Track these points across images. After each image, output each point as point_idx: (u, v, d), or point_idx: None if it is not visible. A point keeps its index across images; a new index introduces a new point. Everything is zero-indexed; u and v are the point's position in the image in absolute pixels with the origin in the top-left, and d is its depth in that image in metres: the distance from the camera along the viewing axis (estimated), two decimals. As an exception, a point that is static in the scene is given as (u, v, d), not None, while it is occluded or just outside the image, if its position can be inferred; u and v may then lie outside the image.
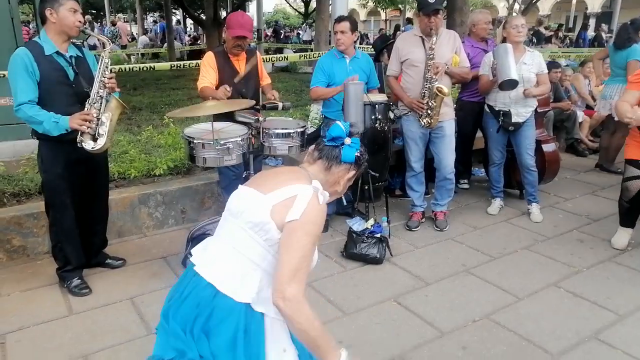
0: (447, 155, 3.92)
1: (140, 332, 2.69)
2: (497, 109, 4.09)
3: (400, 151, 4.34)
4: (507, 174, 4.53)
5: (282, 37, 21.49)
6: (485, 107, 4.24)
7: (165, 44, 15.98)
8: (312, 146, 1.61)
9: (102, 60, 2.85)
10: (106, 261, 3.36)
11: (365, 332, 2.72)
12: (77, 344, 2.58)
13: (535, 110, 4.15)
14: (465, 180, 5.07)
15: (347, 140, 1.55)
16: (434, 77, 3.65)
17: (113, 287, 3.12)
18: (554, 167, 4.68)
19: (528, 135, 4.13)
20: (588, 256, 3.60)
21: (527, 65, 3.97)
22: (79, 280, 3.07)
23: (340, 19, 3.86)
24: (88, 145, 2.79)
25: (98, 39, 3.11)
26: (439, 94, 3.64)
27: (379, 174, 3.79)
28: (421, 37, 3.72)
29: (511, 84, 3.79)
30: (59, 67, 2.78)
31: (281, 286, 1.36)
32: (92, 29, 15.93)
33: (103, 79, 2.83)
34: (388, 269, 3.43)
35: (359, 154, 1.56)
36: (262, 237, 1.45)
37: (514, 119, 4.03)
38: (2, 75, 3.89)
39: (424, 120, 3.78)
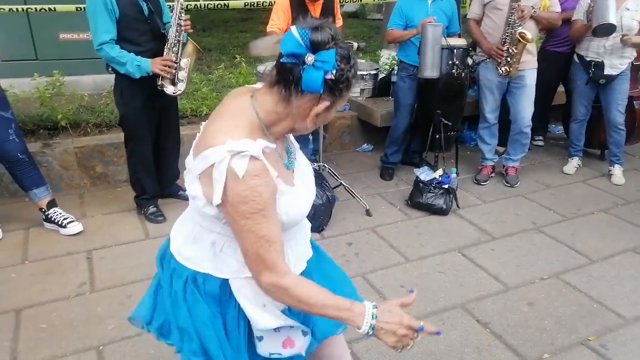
0: (525, 107, 3.70)
1: (210, 259, 2.83)
2: (588, 59, 3.77)
3: (476, 102, 4.14)
4: (588, 132, 4.23)
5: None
6: (575, 57, 3.92)
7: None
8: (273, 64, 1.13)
9: (177, 1, 2.86)
10: (178, 193, 3.52)
11: (428, 279, 2.72)
12: (153, 266, 2.74)
13: (632, 62, 3.79)
14: (541, 137, 4.80)
15: (309, 58, 1.02)
16: (517, 21, 3.40)
17: (185, 217, 3.28)
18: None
19: (621, 90, 3.80)
20: (674, 224, 3.36)
21: (629, 12, 3.59)
22: (155, 209, 3.25)
23: None
24: (169, 89, 2.90)
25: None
26: (522, 40, 3.40)
27: (452, 123, 3.65)
28: None
29: (607, 30, 3.46)
30: (135, 2, 2.82)
31: (255, 278, 1.17)
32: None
33: (179, 21, 2.86)
34: (454, 220, 3.37)
35: (332, 76, 1.03)
36: (197, 209, 1.20)
37: (607, 71, 3.71)
38: (82, 9, 4.02)
39: (503, 69, 3.57)
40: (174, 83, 2.92)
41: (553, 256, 2.96)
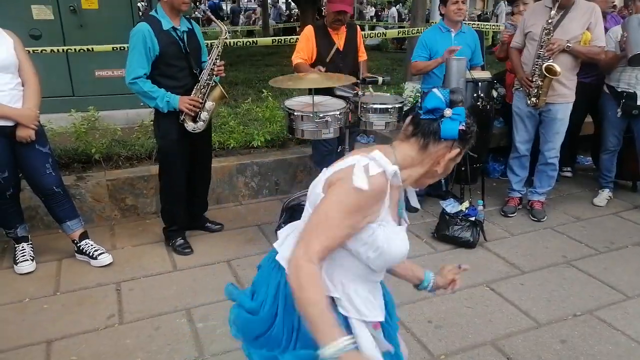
0: (553, 139, 3.66)
1: (236, 292, 2.85)
2: (619, 90, 3.73)
3: (503, 133, 4.13)
4: (619, 163, 4.15)
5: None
6: (605, 88, 3.87)
7: (260, 22, 16.39)
8: (407, 119, 1.36)
9: (216, 48, 3.01)
10: (206, 225, 3.57)
11: (456, 314, 2.67)
12: (181, 298, 2.79)
13: None
14: (569, 169, 4.72)
15: (448, 112, 1.27)
16: (546, 54, 3.40)
17: (212, 249, 3.33)
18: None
19: None
20: None
21: None
22: (182, 240, 3.30)
23: None
24: (189, 126, 3.05)
25: (215, 23, 3.31)
26: (547, 74, 3.39)
27: (478, 155, 3.63)
28: (550, 7, 3.41)
29: None
30: (175, 41, 2.95)
31: (295, 249, 1.23)
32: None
33: (213, 66, 3.00)
34: (481, 253, 3.31)
35: (463, 127, 1.27)
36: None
37: None
38: (118, 49, 4.22)
39: (532, 100, 3.55)
40: (194, 121, 3.05)
41: (586, 291, 2.87)
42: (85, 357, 2.32)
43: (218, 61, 3.02)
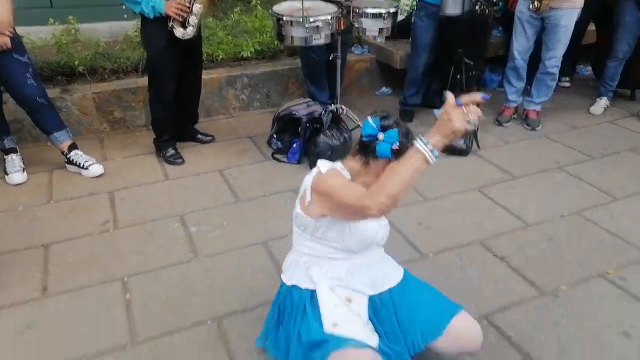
0: (555, 47, 3.52)
1: (228, 199, 2.87)
2: None
3: (502, 43, 3.98)
4: (622, 71, 4.03)
5: None
6: None
7: None
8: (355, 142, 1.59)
9: None
10: (197, 136, 3.53)
11: (447, 217, 2.71)
12: (173, 205, 2.82)
13: None
14: (567, 78, 4.61)
15: (380, 136, 1.46)
16: None
17: (203, 159, 3.31)
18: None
19: None
20: None
21: None
22: (174, 151, 3.28)
23: None
24: (178, 32, 2.88)
25: None
26: None
27: (474, 62, 3.52)
28: None
29: None
30: None
31: (364, 212, 1.35)
32: None
33: None
34: (474, 160, 3.31)
35: (397, 147, 1.45)
36: (298, 226, 1.59)
37: None
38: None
39: (534, 4, 3.38)
40: (184, 26, 2.89)
41: (576, 194, 2.90)
42: (82, 258, 2.37)
43: None
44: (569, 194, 2.90)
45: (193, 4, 2.86)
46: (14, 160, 3.04)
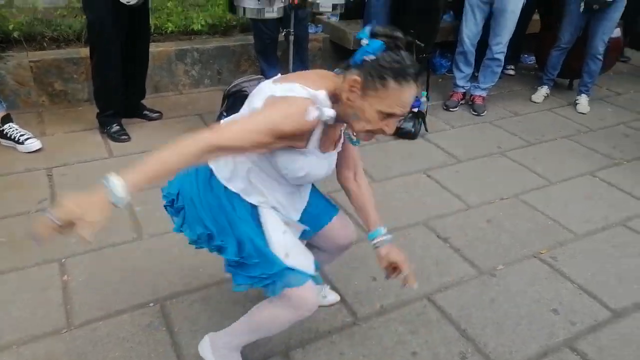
0: (501, 32, 3.64)
1: (176, 177, 2.80)
2: None
3: (452, 28, 4.05)
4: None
5: None
6: None
7: None
8: None
9: None
10: (143, 112, 3.41)
11: (392, 198, 2.77)
12: (117, 183, 2.72)
13: None
14: (512, 67, 4.79)
15: (364, 41, 1.25)
16: None
17: (150, 136, 3.20)
18: (613, 55, 4.33)
19: (611, 17, 3.71)
20: (631, 150, 3.47)
21: None
22: (118, 127, 3.15)
23: None
24: None
25: None
26: None
27: (425, 44, 3.56)
28: None
29: None
30: None
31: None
32: None
33: None
34: (421, 144, 3.40)
35: (369, 59, 1.22)
36: None
37: None
38: None
39: (483, -12, 3.47)
40: None
41: (514, 178, 3.04)
42: (16, 238, 2.26)
43: None
44: (508, 178, 3.04)
45: None
46: (-60, 132, 2.84)
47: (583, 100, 4.07)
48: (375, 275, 2.17)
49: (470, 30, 3.72)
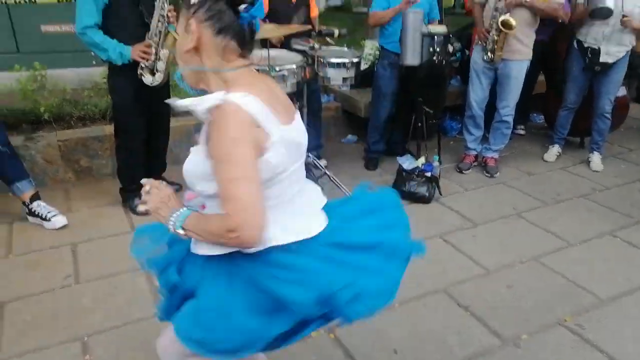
0: (508, 97, 3.75)
1: (196, 250, 2.85)
2: (585, 45, 3.77)
3: (460, 92, 4.18)
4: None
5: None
6: (574, 43, 3.90)
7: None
8: None
9: None
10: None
11: (410, 264, 2.75)
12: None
13: (631, 51, 3.75)
14: (522, 127, 4.88)
15: None
16: (503, 8, 3.43)
17: (171, 208, 3.29)
18: (621, 114, 4.40)
19: (615, 79, 3.82)
20: (650, 208, 3.45)
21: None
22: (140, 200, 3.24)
23: None
24: (147, 79, 2.92)
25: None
26: (502, 29, 3.44)
27: (434, 111, 3.69)
28: None
29: (604, 13, 3.49)
30: None
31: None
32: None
33: (162, 12, 2.86)
34: (436, 208, 3.42)
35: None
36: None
37: (603, 59, 3.70)
38: (63, 0, 3.97)
39: (487, 55, 3.61)
40: (152, 73, 2.93)
41: (533, 240, 3.03)
42: (40, 317, 2.30)
43: (166, 5, 2.86)
44: (526, 240, 3.02)
45: (160, 50, 2.91)
46: (-28, 212, 2.96)
47: (596, 158, 4.10)
48: (396, 347, 2.14)
49: (477, 95, 3.84)
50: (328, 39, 3.32)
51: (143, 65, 2.86)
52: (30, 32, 4.59)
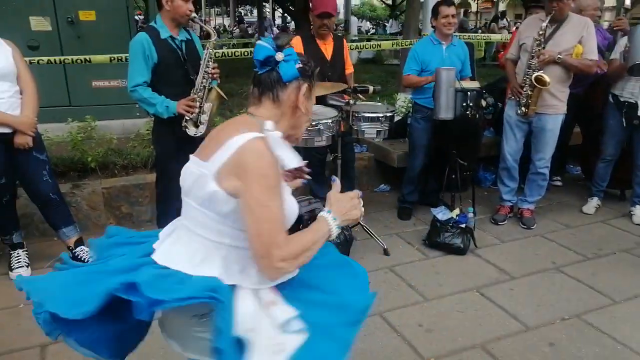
0: (543, 149, 3.73)
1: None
2: (622, 99, 3.79)
3: (493, 143, 4.19)
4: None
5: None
6: (610, 97, 3.91)
7: (256, 35, 16.55)
8: (251, 87, 1.39)
9: (207, 50, 3.06)
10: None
11: (446, 318, 2.71)
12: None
13: None
14: (559, 178, 4.80)
15: (279, 56, 1.30)
16: (537, 65, 3.48)
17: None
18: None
19: None
20: (698, 264, 3.29)
21: None
22: (176, 247, 3.33)
23: (449, 2, 3.74)
24: (191, 131, 3.06)
25: (202, 28, 3.38)
26: (537, 84, 3.48)
27: (468, 163, 3.70)
28: (543, 20, 3.52)
29: None
30: (173, 49, 3.01)
31: (262, 261, 1.21)
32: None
33: (207, 69, 3.05)
34: (471, 260, 3.37)
35: (300, 65, 1.32)
36: (213, 211, 1.28)
37: None
38: (115, 60, 4.28)
39: (521, 109, 3.64)
40: (196, 125, 3.09)
41: (574, 296, 2.92)
42: (79, 358, 2.34)
43: (211, 63, 3.05)
44: (567, 296, 2.92)
45: (204, 103, 3.07)
46: (19, 256, 3.09)
47: (638, 212, 3.98)
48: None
49: (511, 147, 3.84)
50: (361, 96, 3.42)
51: (187, 118, 3.01)
52: (82, 87, 4.94)
